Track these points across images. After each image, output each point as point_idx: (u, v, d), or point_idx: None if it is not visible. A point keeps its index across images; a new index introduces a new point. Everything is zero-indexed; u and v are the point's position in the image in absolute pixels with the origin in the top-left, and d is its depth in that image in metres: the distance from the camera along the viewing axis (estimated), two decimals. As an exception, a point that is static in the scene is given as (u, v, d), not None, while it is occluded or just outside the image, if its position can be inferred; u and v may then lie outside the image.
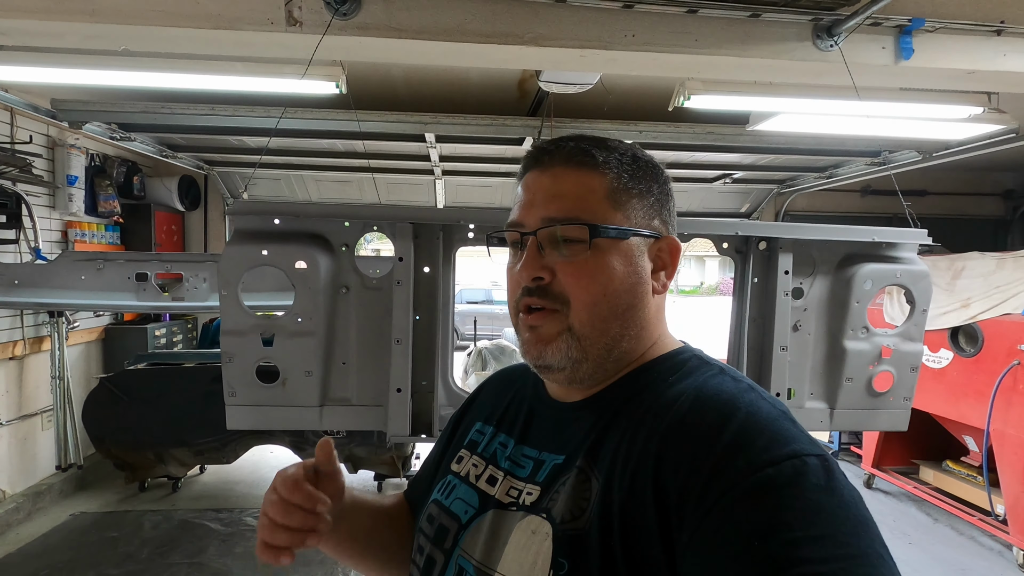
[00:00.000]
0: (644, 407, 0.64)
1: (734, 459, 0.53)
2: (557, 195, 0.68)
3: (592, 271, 0.66)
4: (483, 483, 0.73)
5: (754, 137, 3.86)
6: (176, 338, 5.42)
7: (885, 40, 2.01)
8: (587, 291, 0.66)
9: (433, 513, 0.76)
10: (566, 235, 0.66)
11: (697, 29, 1.91)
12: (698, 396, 0.61)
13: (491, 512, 0.69)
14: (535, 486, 0.68)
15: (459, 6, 1.83)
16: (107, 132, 3.90)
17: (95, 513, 3.99)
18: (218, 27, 1.74)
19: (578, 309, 0.66)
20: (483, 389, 0.89)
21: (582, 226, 0.65)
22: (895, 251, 1.88)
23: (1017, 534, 3.44)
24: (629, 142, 0.74)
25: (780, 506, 0.49)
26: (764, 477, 0.51)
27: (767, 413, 0.57)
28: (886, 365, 1.90)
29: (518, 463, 0.72)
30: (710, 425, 0.57)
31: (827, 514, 0.49)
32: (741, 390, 0.61)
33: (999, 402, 3.54)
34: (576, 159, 0.69)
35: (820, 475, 0.51)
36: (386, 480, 4.43)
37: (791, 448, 0.53)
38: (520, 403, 0.79)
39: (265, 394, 1.70)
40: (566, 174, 0.69)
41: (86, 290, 2.44)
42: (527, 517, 0.65)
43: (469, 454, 0.79)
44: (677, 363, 0.69)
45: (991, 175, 6.38)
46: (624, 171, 0.69)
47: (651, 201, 0.71)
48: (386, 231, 1.72)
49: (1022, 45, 2.05)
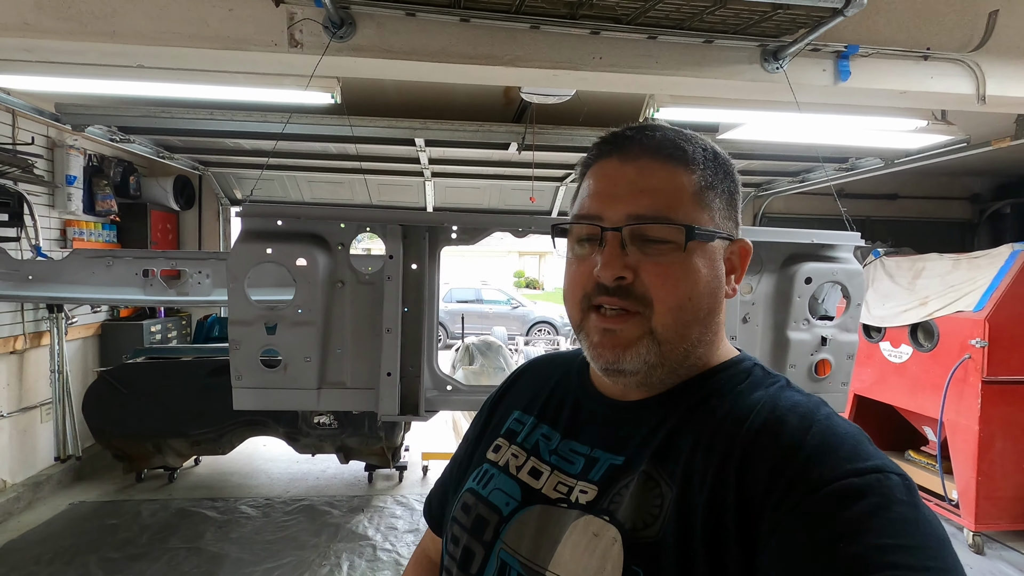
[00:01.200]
0: (718, 415, 0.62)
1: (819, 464, 0.52)
2: (646, 190, 0.63)
3: (680, 273, 0.62)
4: (525, 475, 0.70)
5: (725, 144, 4.10)
6: (171, 334, 5.56)
7: (825, 63, 2.24)
8: (674, 294, 0.62)
9: (469, 502, 0.72)
10: (658, 235, 0.62)
11: (658, 52, 2.14)
12: (775, 407, 0.59)
13: (538, 507, 0.66)
14: (590, 484, 0.65)
15: (445, 31, 2.04)
16: (107, 134, 4.06)
17: (94, 502, 4.11)
18: (226, 47, 1.93)
19: (662, 312, 0.62)
20: (520, 376, 0.86)
21: (678, 227, 0.62)
22: (833, 252, 2.10)
23: (968, 517, 3.66)
24: (704, 136, 0.70)
25: (868, 513, 0.48)
26: (849, 484, 0.50)
27: (845, 429, 0.56)
28: (825, 353, 2.13)
29: (566, 458, 0.69)
30: (792, 435, 0.56)
31: (913, 526, 0.48)
32: (815, 404, 0.60)
33: (952, 394, 3.75)
34: (665, 151, 0.65)
35: (903, 491, 0.51)
36: (376, 470, 4.61)
37: (874, 463, 0.52)
38: (564, 394, 0.76)
39: (268, 378, 1.90)
40: (654, 167, 0.64)
41: (96, 285, 2.60)
42: (585, 517, 0.62)
43: (507, 443, 0.75)
44: (742, 371, 0.67)
45: (959, 180, 6.66)
46: (708, 168, 0.66)
47: (727, 201, 0.68)
48: (378, 232, 1.92)
49: (946, 68, 2.30)
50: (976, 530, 3.61)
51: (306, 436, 4.05)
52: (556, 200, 6.41)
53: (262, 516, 3.95)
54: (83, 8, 1.90)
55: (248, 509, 4.06)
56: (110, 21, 1.90)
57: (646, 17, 1.97)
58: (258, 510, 4.05)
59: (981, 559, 3.56)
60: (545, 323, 13.05)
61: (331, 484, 4.54)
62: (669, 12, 1.93)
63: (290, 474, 4.72)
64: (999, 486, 3.60)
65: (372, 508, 4.11)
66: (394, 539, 3.67)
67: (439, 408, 2.05)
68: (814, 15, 1.88)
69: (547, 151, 4.43)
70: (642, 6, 1.88)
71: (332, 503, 4.18)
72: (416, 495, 4.33)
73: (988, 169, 6.15)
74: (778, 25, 2.00)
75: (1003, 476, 3.59)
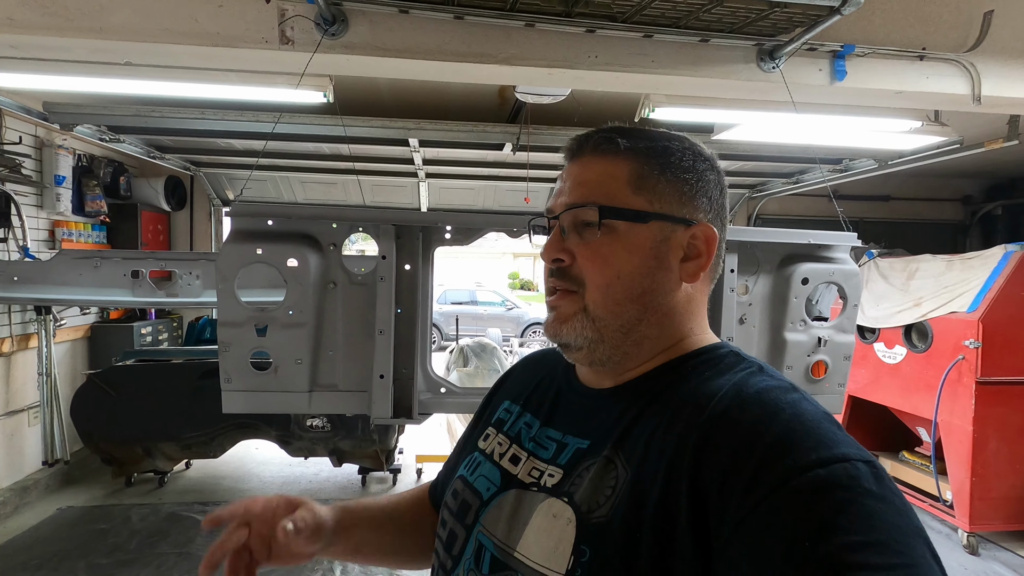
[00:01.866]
0: (679, 399, 0.63)
1: (782, 457, 0.51)
2: (581, 182, 0.69)
3: (606, 254, 0.67)
4: (506, 462, 0.74)
5: (720, 144, 4.09)
6: (162, 336, 5.50)
7: (821, 63, 2.24)
8: (600, 273, 0.67)
9: (458, 488, 0.76)
10: (582, 218, 0.68)
11: (653, 51, 2.12)
12: (739, 392, 0.59)
13: (513, 491, 0.70)
14: (557, 468, 0.68)
15: (439, 29, 2.02)
16: (96, 134, 4.01)
17: (82, 507, 4.05)
18: (216, 45, 1.90)
19: (592, 290, 0.67)
20: (515, 370, 0.91)
21: (594, 208, 0.67)
22: (829, 252, 2.09)
23: (962, 517, 3.67)
24: (677, 133, 0.74)
25: (833, 508, 0.47)
26: (814, 477, 0.49)
27: (812, 414, 0.55)
28: (822, 354, 2.11)
29: (541, 444, 0.72)
30: (753, 422, 0.55)
31: (880, 520, 0.47)
32: (783, 389, 0.59)
33: (946, 394, 3.76)
34: (602, 147, 0.70)
35: (871, 480, 0.49)
36: (370, 473, 4.57)
37: (840, 451, 0.51)
38: (549, 385, 0.80)
39: (258, 380, 1.86)
40: (592, 162, 0.70)
41: (83, 286, 2.56)
42: (548, 499, 0.65)
43: (495, 432, 0.80)
44: (714, 357, 0.68)
45: (951, 181, 6.71)
46: (654, 157, 0.69)
47: (685, 187, 0.69)
48: (371, 232, 1.89)
49: (941, 69, 2.30)
50: (970, 531, 3.61)
51: (299, 439, 4.01)
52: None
53: (254, 520, 3.90)
54: (69, 3, 1.86)
55: (240, 513, 4.01)
56: (97, 17, 1.86)
57: (642, 15, 1.96)
58: (250, 514, 3.99)
59: (975, 560, 3.56)
60: (540, 324, 13.03)
61: (324, 487, 4.50)
62: (665, 10, 1.91)
63: (283, 477, 4.67)
64: (993, 487, 3.60)
65: (366, 511, 4.07)
66: (388, 543, 3.64)
67: (433, 411, 2.02)
68: (811, 14, 1.87)
69: (542, 151, 4.41)
70: (638, 4, 1.87)
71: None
72: (410, 498, 4.29)
73: (980, 171, 6.19)
74: (774, 24, 1.99)
75: (997, 477, 3.60)
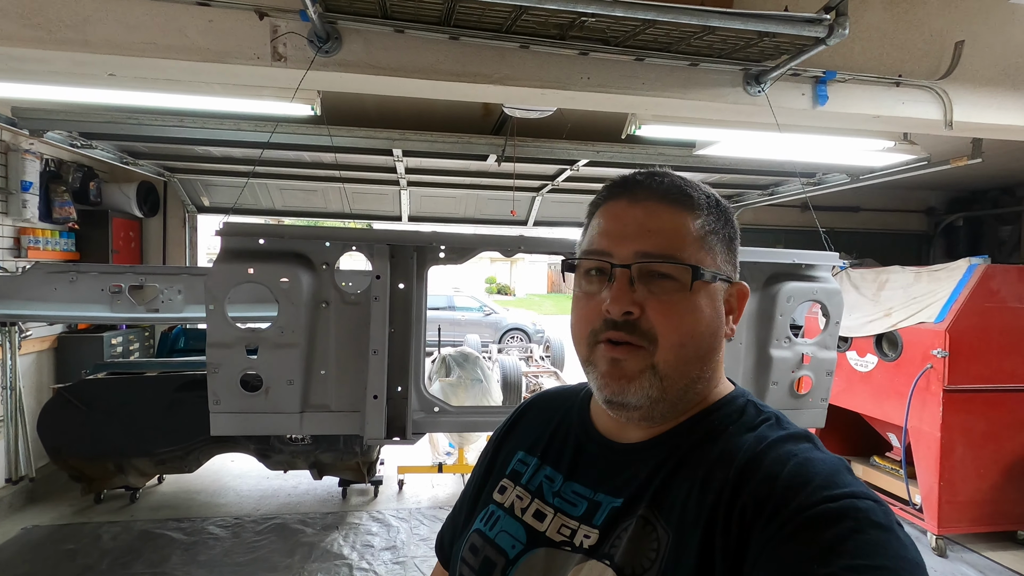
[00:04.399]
0: (710, 460, 0.64)
1: (795, 495, 0.54)
2: (654, 231, 0.66)
3: (684, 311, 0.65)
4: (530, 517, 0.72)
5: (701, 159, 4.18)
6: (133, 347, 5.34)
7: (804, 88, 2.32)
8: (677, 331, 0.65)
9: (477, 544, 0.73)
10: (664, 272, 0.65)
11: (644, 74, 2.17)
12: (758, 445, 0.62)
13: (543, 550, 0.68)
14: (592, 528, 0.67)
15: (433, 48, 2.01)
16: (67, 140, 3.87)
17: (49, 526, 3.90)
18: (206, 60, 1.86)
19: (665, 348, 0.65)
20: (523, 415, 0.87)
21: (684, 267, 0.65)
22: (813, 271, 2.16)
23: (931, 521, 3.80)
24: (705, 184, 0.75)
25: (839, 536, 0.50)
26: (823, 510, 0.52)
27: (822, 459, 0.59)
28: (806, 370, 2.18)
29: (568, 500, 0.71)
30: (770, 468, 0.59)
31: (884, 549, 0.50)
32: (797, 438, 0.63)
33: (915, 402, 3.89)
34: (672, 196, 0.68)
35: (878, 514, 0.52)
36: (351, 486, 4.51)
37: (849, 489, 0.54)
38: (566, 435, 0.78)
39: (248, 402, 1.83)
40: (662, 210, 0.68)
41: (59, 302, 2.47)
42: (589, 561, 0.64)
43: (512, 484, 0.77)
44: (736, 410, 0.69)
45: (916, 193, 6.96)
46: (711, 214, 0.69)
47: (727, 245, 0.71)
48: (365, 251, 1.88)
49: (916, 95, 2.41)
50: (939, 533, 3.74)
51: (278, 452, 3.93)
52: (532, 210, 6.43)
53: (231, 536, 3.81)
54: (51, 15, 1.80)
55: (216, 529, 3.91)
56: (81, 29, 1.80)
57: (635, 40, 1.99)
58: (227, 530, 3.90)
59: (944, 562, 3.69)
60: (518, 330, 13.05)
61: (304, 501, 4.42)
62: (658, 36, 1.95)
63: (260, 491, 4.57)
64: (960, 490, 3.75)
65: (347, 525, 4.02)
66: (371, 557, 3.59)
67: (426, 430, 2.01)
68: (798, 43, 1.94)
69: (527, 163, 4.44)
70: (632, 29, 1.90)
71: (305, 521, 4.07)
72: (392, 510, 4.25)
73: (942, 184, 6.45)
74: (762, 51, 2.05)
75: (963, 481, 3.75)
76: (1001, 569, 3.58)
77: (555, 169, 5.00)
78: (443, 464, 4.60)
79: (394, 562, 3.54)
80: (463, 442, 4.61)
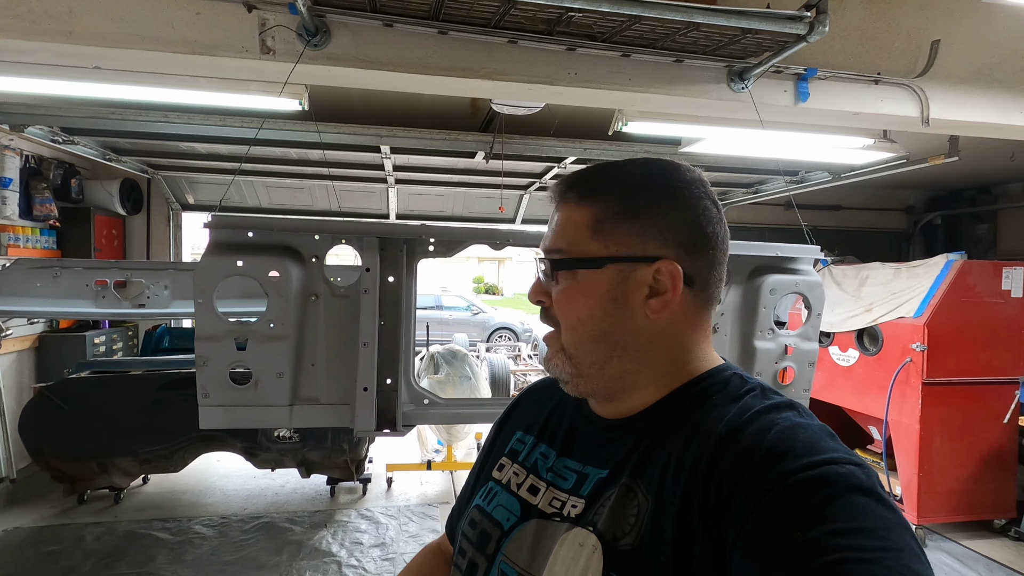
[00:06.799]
0: (691, 427, 0.66)
1: (776, 464, 0.55)
2: (554, 227, 0.75)
3: (567, 299, 0.72)
4: (524, 492, 0.76)
5: (687, 157, 4.23)
6: (116, 346, 5.27)
7: (787, 85, 2.37)
8: (566, 316, 0.72)
9: (475, 518, 0.78)
10: (548, 266, 0.73)
11: (631, 70, 2.20)
12: (741, 414, 0.63)
13: (534, 521, 0.72)
14: (579, 499, 0.70)
15: (422, 42, 2.03)
16: (49, 135, 3.82)
17: (31, 528, 3.83)
18: (193, 52, 1.85)
19: (565, 331, 0.72)
20: (523, 399, 0.93)
21: (553, 260, 0.73)
22: (795, 264, 2.20)
23: (911, 511, 3.88)
24: (661, 165, 0.75)
25: (821, 502, 0.51)
26: (803, 478, 0.53)
27: (806, 426, 0.60)
28: (789, 361, 2.22)
29: (561, 475, 0.75)
30: (752, 438, 0.59)
31: (867, 511, 0.51)
32: (780, 407, 0.63)
33: (895, 395, 3.97)
34: (567, 195, 0.74)
35: (860, 478, 0.53)
36: (339, 484, 4.50)
37: (830, 455, 0.55)
38: (561, 416, 0.82)
39: (238, 395, 1.82)
40: (561, 209, 0.75)
41: (41, 297, 2.44)
42: (574, 529, 0.68)
43: (510, 462, 0.82)
44: (719, 381, 0.70)
45: (896, 192, 7.10)
46: (615, 201, 0.71)
47: (650, 226, 0.70)
48: (354, 244, 1.88)
49: (894, 92, 2.47)
50: (919, 523, 3.83)
51: (266, 451, 3.91)
52: (521, 208, 6.45)
53: (218, 536, 3.78)
54: (35, 5, 1.77)
55: (203, 529, 3.88)
56: (66, 20, 1.78)
57: (621, 36, 2.02)
58: (214, 529, 3.87)
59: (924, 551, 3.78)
60: (506, 329, 13.07)
61: (291, 499, 4.39)
62: (644, 32, 1.98)
63: (247, 490, 4.54)
64: (938, 481, 3.84)
65: (335, 523, 4.00)
66: (359, 555, 3.58)
67: (416, 423, 2.02)
68: (779, 40, 1.98)
69: (515, 160, 4.46)
70: (619, 25, 1.93)
71: (293, 519, 4.04)
72: (380, 508, 4.24)
73: (921, 183, 6.59)
74: (745, 48, 2.09)
75: (941, 472, 3.84)
76: (978, 557, 3.67)
77: (543, 167, 5.03)
78: (432, 461, 4.61)
79: (383, 559, 3.54)
80: (452, 439, 4.62)
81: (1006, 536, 3.90)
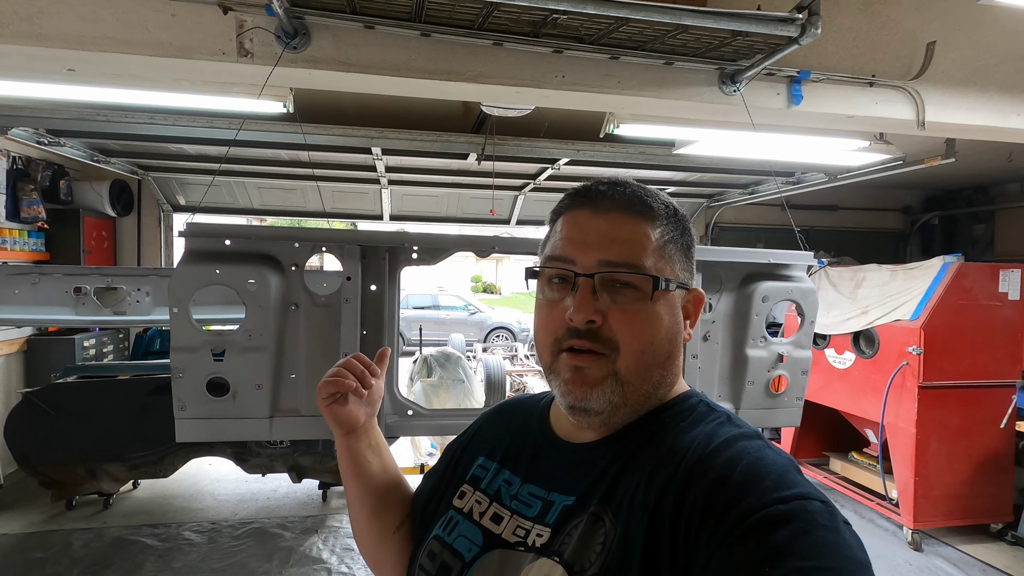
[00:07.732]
0: (659, 455, 0.65)
1: (746, 496, 0.55)
2: (616, 240, 0.67)
3: (645, 320, 0.67)
4: (487, 520, 0.73)
5: (681, 158, 4.19)
6: (106, 349, 5.22)
7: (779, 87, 2.32)
8: (638, 339, 0.66)
9: (435, 550, 0.74)
10: (626, 282, 0.66)
11: (619, 73, 2.15)
12: (709, 443, 0.63)
13: (498, 551, 0.69)
14: (544, 527, 0.68)
15: (405, 45, 1.98)
16: (34, 137, 3.76)
17: (17, 534, 3.79)
18: (169, 55, 1.80)
19: (626, 355, 0.66)
20: (484, 422, 0.89)
21: (646, 277, 0.66)
22: (788, 271, 2.16)
23: (907, 515, 3.85)
24: (661, 190, 0.75)
25: (790, 538, 0.51)
26: (774, 512, 0.53)
27: (773, 460, 0.59)
28: (781, 370, 2.18)
29: (525, 502, 0.72)
30: (721, 468, 0.59)
31: (832, 550, 0.51)
32: (748, 437, 0.63)
33: (891, 398, 3.94)
34: (634, 207, 0.69)
35: (826, 516, 0.54)
36: (331, 488, 4.46)
37: (798, 491, 0.55)
38: (524, 439, 0.79)
39: (215, 407, 1.78)
40: (624, 220, 0.68)
41: (20, 304, 2.40)
42: (539, 559, 0.65)
43: (472, 490, 0.78)
44: (686, 408, 0.70)
45: (893, 192, 7.07)
46: (670, 223, 0.70)
47: (685, 253, 0.72)
48: (335, 252, 1.83)
49: (889, 95, 2.43)
50: (915, 528, 3.80)
51: (256, 456, 3.87)
52: (515, 209, 6.40)
53: (208, 542, 3.74)
54: (3, 7, 1.72)
55: (192, 535, 3.84)
56: (36, 22, 1.73)
57: (609, 38, 1.97)
58: (203, 535, 3.83)
59: (919, 555, 3.75)
60: (503, 329, 13.02)
61: (283, 504, 4.35)
62: (632, 34, 1.93)
63: (238, 495, 4.50)
64: (934, 485, 3.80)
65: (327, 528, 3.97)
66: (350, 561, 3.55)
67: (400, 434, 1.98)
68: (771, 42, 1.93)
69: (507, 162, 4.41)
70: (606, 27, 1.88)
71: (284, 525, 4.01)
72: (373, 513, 4.20)
73: (918, 183, 6.55)
74: (736, 50, 2.05)
75: (937, 476, 3.80)
76: (975, 562, 3.64)
77: (537, 168, 4.99)
78: (425, 465, 4.57)
79: (374, 566, 3.50)
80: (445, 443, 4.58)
81: (1003, 540, 3.87)
